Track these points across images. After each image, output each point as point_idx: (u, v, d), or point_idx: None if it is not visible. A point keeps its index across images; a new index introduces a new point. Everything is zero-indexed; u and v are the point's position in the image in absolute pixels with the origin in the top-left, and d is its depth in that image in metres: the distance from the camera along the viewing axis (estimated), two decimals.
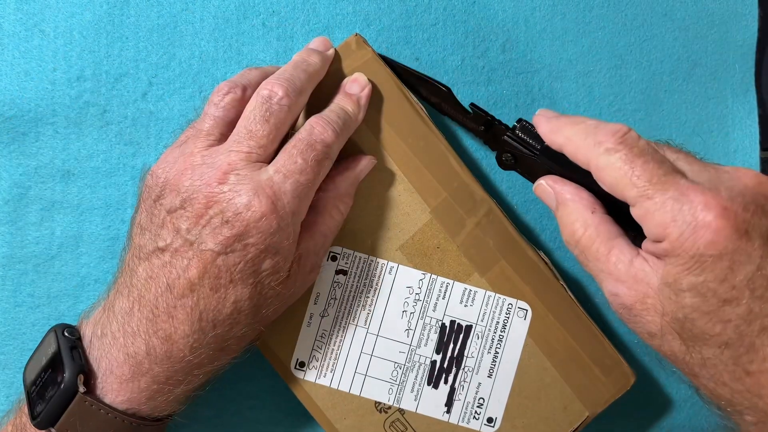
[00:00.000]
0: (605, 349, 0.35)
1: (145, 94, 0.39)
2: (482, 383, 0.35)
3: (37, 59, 0.38)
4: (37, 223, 0.38)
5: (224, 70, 0.39)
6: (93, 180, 0.39)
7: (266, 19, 0.39)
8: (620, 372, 0.35)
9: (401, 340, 0.36)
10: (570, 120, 0.31)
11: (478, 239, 0.35)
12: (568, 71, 0.40)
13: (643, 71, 0.40)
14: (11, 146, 0.38)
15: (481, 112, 0.35)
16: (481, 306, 0.35)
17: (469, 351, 0.35)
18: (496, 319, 0.35)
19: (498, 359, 0.35)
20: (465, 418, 0.35)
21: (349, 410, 0.35)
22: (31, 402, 0.31)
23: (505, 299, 0.35)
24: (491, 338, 0.35)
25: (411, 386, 0.35)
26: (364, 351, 0.36)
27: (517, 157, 0.34)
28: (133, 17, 0.39)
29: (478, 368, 0.35)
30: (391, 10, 0.39)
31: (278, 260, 0.31)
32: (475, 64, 0.39)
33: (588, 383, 0.35)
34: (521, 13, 0.40)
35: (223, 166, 0.30)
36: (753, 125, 0.40)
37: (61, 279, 0.38)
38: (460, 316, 0.36)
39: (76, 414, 0.30)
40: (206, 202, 0.30)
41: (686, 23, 0.40)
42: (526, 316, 0.35)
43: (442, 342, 0.35)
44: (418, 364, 0.36)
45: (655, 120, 0.40)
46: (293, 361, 0.35)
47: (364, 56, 0.35)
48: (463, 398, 0.35)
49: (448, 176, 0.35)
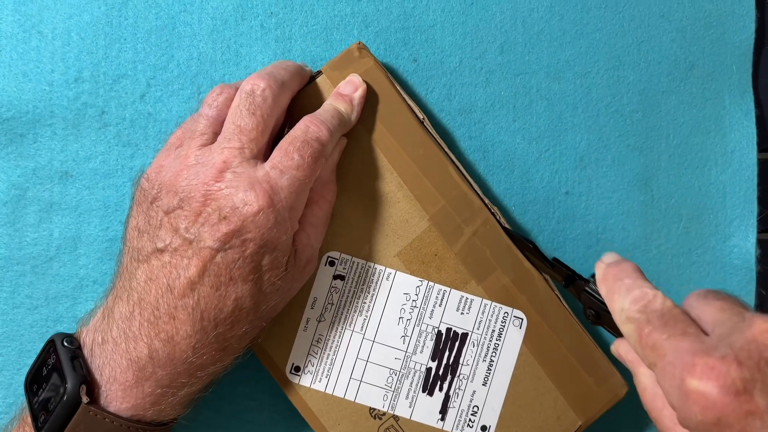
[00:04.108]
0: (598, 359, 0.36)
1: (144, 95, 0.39)
2: (477, 391, 0.35)
3: (35, 61, 0.38)
4: (36, 225, 0.38)
5: (222, 72, 0.39)
6: (91, 181, 0.39)
7: (264, 20, 0.39)
8: (613, 382, 0.36)
9: (397, 346, 0.36)
10: (613, 274, 0.29)
11: (476, 248, 0.35)
12: (566, 72, 0.40)
13: (640, 72, 0.40)
14: (9, 148, 0.38)
15: (562, 267, 0.34)
16: (477, 314, 0.36)
17: (465, 359, 0.35)
18: (492, 327, 0.35)
19: (493, 368, 0.35)
20: (459, 425, 0.35)
21: (344, 416, 0.35)
22: (34, 414, 0.31)
23: (501, 308, 0.36)
24: (486, 346, 0.36)
25: (406, 393, 0.35)
26: (359, 357, 0.35)
27: (599, 314, 0.32)
28: (131, 19, 0.39)
29: (473, 376, 0.35)
30: (389, 11, 0.39)
31: (276, 255, 0.31)
32: (473, 66, 0.39)
33: (581, 393, 0.35)
34: (519, 14, 0.40)
35: (218, 164, 0.30)
36: (750, 126, 0.40)
37: (59, 280, 0.38)
38: (456, 323, 0.36)
39: (80, 424, 0.30)
40: (204, 199, 0.30)
41: (683, 25, 0.40)
42: (522, 325, 0.35)
43: (437, 349, 0.36)
44: (414, 371, 0.36)
45: (653, 121, 0.40)
46: (288, 365, 0.35)
47: (366, 64, 0.36)
48: (458, 406, 0.35)
49: (447, 184, 0.35)
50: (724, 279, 0.40)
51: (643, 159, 0.40)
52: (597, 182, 0.40)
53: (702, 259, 0.40)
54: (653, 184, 0.40)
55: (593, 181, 0.40)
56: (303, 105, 0.35)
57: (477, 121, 0.39)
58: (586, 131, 0.40)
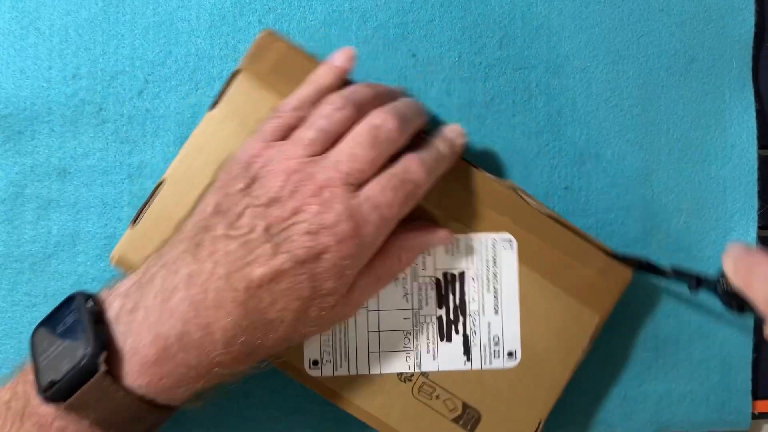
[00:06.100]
0: (595, 253, 0.36)
1: (141, 91, 0.39)
2: (491, 322, 0.36)
3: (32, 57, 0.38)
4: (34, 222, 0.38)
5: (220, 68, 0.39)
6: (89, 178, 0.38)
7: (262, 15, 0.39)
8: (616, 270, 0.36)
9: (402, 307, 0.36)
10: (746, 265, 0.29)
11: (447, 188, 0.35)
12: (565, 67, 0.40)
13: (640, 67, 0.40)
14: (7, 145, 0.38)
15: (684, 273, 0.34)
16: (466, 250, 0.36)
17: (470, 296, 0.36)
18: (485, 257, 0.36)
19: (499, 295, 0.36)
20: (486, 360, 0.36)
21: (375, 390, 0.35)
22: (39, 371, 0.29)
23: (487, 236, 0.36)
24: (486, 277, 0.36)
25: (426, 348, 0.36)
26: (370, 330, 0.36)
27: (742, 305, 0.31)
28: (128, 15, 0.39)
29: (483, 310, 0.36)
30: (388, 6, 0.39)
31: (337, 285, 0.31)
32: (472, 61, 0.39)
33: (589, 289, 0.36)
34: (518, 9, 0.40)
35: (320, 180, 0.30)
36: (750, 120, 0.40)
37: (57, 278, 0.38)
38: (450, 266, 0.36)
39: (92, 393, 0.28)
40: (293, 209, 0.30)
41: (683, 19, 0.40)
42: (512, 246, 0.36)
43: (441, 296, 0.36)
44: (426, 325, 0.36)
45: (652, 116, 0.40)
46: (306, 362, 0.35)
47: (280, 49, 0.35)
48: (479, 342, 0.36)
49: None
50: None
51: (643, 154, 0.40)
52: (596, 177, 0.39)
53: (702, 254, 0.40)
54: (653, 179, 0.40)
55: (593, 176, 0.39)
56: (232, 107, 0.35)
57: (476, 116, 0.39)
58: (585, 126, 0.40)
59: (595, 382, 0.39)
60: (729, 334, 0.39)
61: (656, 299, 0.39)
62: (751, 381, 0.39)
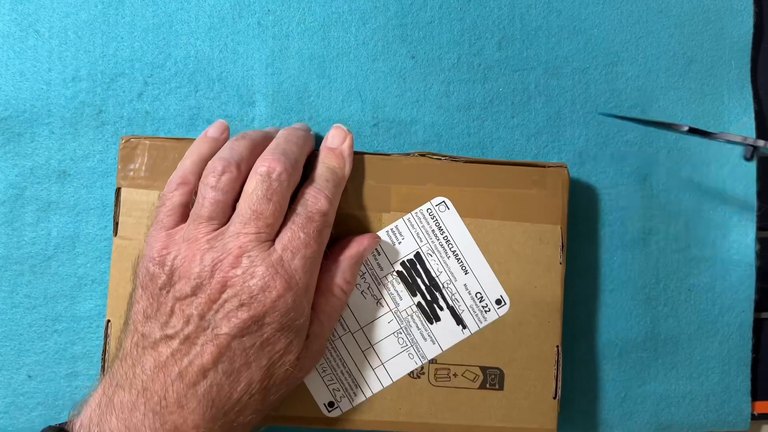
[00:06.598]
0: (523, 170, 0.36)
1: (141, 94, 0.39)
2: (467, 283, 0.36)
3: (32, 59, 0.38)
4: (33, 224, 0.38)
5: (220, 70, 0.39)
6: (89, 180, 0.38)
7: (261, 18, 0.39)
8: (552, 176, 0.36)
9: (381, 314, 0.36)
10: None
11: (360, 186, 0.35)
12: (564, 68, 0.40)
13: (639, 68, 0.40)
14: (6, 147, 0.38)
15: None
16: (409, 231, 0.36)
17: (435, 270, 0.36)
18: (429, 228, 0.36)
19: (460, 256, 0.36)
20: (480, 319, 0.36)
21: (396, 399, 0.35)
22: None
23: (420, 209, 0.36)
24: (440, 246, 0.36)
25: (421, 337, 0.36)
26: (363, 348, 0.36)
27: None
28: (128, 17, 0.39)
29: (453, 276, 0.36)
30: (387, 8, 0.39)
31: (291, 339, 0.30)
32: (471, 62, 0.39)
33: (536, 205, 0.36)
34: (517, 10, 0.40)
35: (234, 249, 0.30)
36: (749, 121, 0.40)
37: (57, 279, 0.38)
38: (403, 253, 0.36)
39: None
40: (220, 287, 0.29)
41: (682, 20, 0.40)
42: (448, 206, 0.36)
43: (410, 285, 0.36)
44: (411, 316, 0.36)
45: (652, 116, 0.40)
46: (322, 408, 0.35)
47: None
48: (466, 307, 0.36)
49: None
50: (724, 274, 0.40)
51: (642, 154, 0.40)
52: (596, 178, 0.39)
53: (701, 255, 0.40)
54: (652, 180, 0.40)
55: (592, 177, 0.39)
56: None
57: (475, 118, 0.39)
58: (584, 127, 0.40)
59: (595, 382, 0.39)
60: (729, 335, 0.40)
61: (656, 299, 0.39)
62: (750, 381, 0.40)
